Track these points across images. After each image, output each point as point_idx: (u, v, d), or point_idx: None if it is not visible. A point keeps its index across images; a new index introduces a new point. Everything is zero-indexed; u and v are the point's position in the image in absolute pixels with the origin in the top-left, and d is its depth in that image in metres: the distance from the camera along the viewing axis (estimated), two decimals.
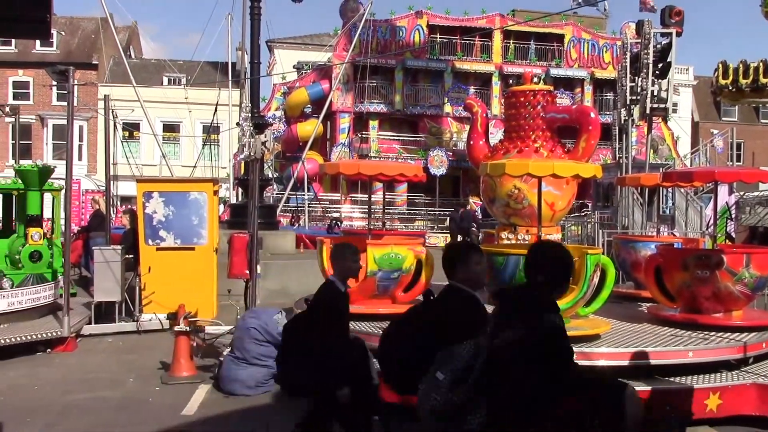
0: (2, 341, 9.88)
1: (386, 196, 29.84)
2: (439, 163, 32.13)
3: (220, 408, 7.98)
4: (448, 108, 34.68)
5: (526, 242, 11.44)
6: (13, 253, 11.77)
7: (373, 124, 34.55)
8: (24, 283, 11.42)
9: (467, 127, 16.65)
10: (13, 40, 40.80)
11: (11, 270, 11.60)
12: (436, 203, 32.68)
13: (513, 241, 12.03)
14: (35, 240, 11.75)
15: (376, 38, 33.99)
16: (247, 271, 10.55)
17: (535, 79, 13.29)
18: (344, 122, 34.19)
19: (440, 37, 35.14)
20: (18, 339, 10.09)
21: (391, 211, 31.66)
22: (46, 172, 12.47)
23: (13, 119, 15.80)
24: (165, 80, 43.13)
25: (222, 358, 8.84)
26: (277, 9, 56.50)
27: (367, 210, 13.35)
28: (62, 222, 12.98)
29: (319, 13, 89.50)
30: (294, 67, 38.31)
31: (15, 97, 40.67)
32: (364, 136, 34.17)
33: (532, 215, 11.41)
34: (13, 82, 42.17)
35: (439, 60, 34.89)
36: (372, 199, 12.05)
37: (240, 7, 24.28)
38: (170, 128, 42.14)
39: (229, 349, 8.85)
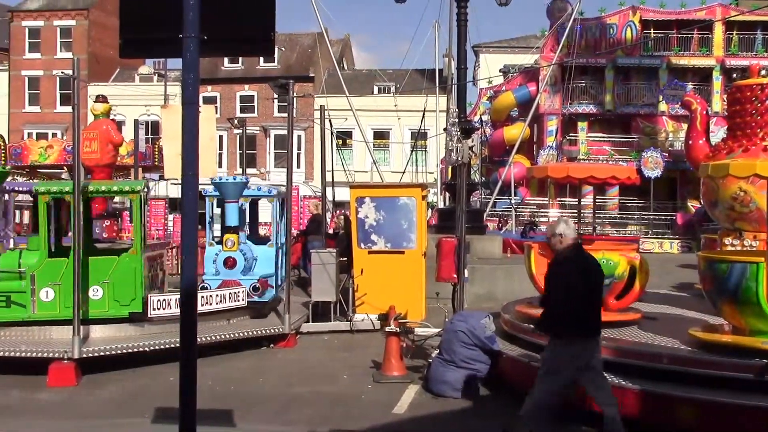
0: (232, 336, 10.74)
1: (596, 200, 28.90)
2: (653, 165, 30.54)
3: (429, 409, 8.13)
4: (663, 106, 32.88)
5: (754, 249, 10.58)
6: None
7: (582, 125, 33.56)
8: None
9: (685, 126, 15.70)
10: (241, 58, 44.22)
11: None
12: (650, 207, 31.09)
13: (738, 248, 11.17)
14: None
15: (585, 37, 33.02)
16: (455, 275, 10.65)
17: (763, 72, 12.25)
18: (552, 125, 33.52)
19: (654, 33, 33.42)
20: (245, 334, 10.92)
21: (601, 215, 30.56)
22: None
23: (240, 131, 17.15)
24: (375, 89, 44.70)
25: (431, 360, 9.00)
26: (483, 13, 56.70)
27: (576, 214, 12.99)
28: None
29: (525, 15, 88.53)
30: (500, 70, 38.14)
31: (242, 111, 44.02)
32: (572, 138, 33.28)
33: (761, 219, 10.53)
34: (240, 96, 45.71)
35: (653, 56, 33.17)
36: (581, 202, 11.71)
37: (447, 14, 24.63)
38: (380, 135, 43.59)
39: (438, 351, 8.99)
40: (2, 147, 19.80)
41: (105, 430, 7.59)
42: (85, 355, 9.27)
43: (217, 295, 10.98)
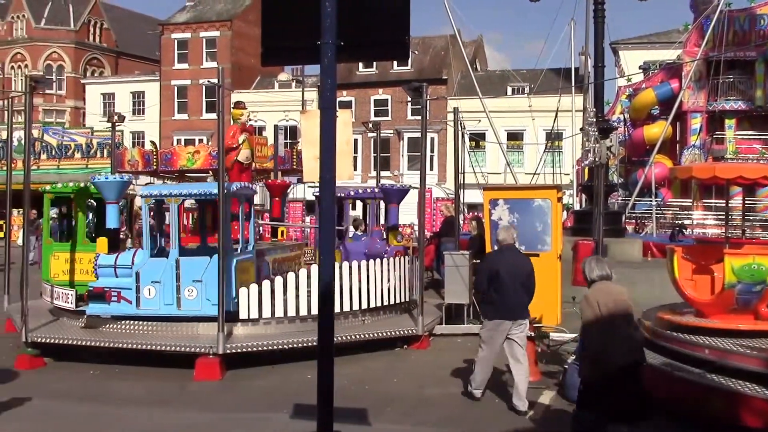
0: (366, 336, 10.92)
1: (746, 202, 27.28)
2: None
3: (564, 415, 7.94)
4: None
5: None
6: None
7: (730, 123, 31.75)
8: None
9: None
10: (375, 63, 44.95)
11: None
12: None
13: None
14: None
15: (732, 30, 31.25)
16: None
17: None
18: (696, 122, 31.93)
19: None
20: (380, 335, 11.08)
21: (751, 217, 28.81)
22: None
23: (374, 134, 17.44)
24: (509, 90, 44.20)
25: (566, 366, 8.80)
26: (620, 9, 54.85)
27: (723, 217, 12.32)
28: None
29: (666, 9, 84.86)
30: (640, 67, 36.73)
31: (376, 114, 44.74)
32: (718, 136, 31.57)
33: None
34: (374, 100, 46.46)
35: None
36: (729, 204, 11.08)
37: (583, 11, 24.06)
38: (514, 136, 43.08)
39: (574, 357, 8.77)
40: (154, 153, 21.00)
41: (247, 423, 7.92)
42: (229, 351, 9.70)
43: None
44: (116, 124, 16.82)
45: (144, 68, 56.69)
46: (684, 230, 24.52)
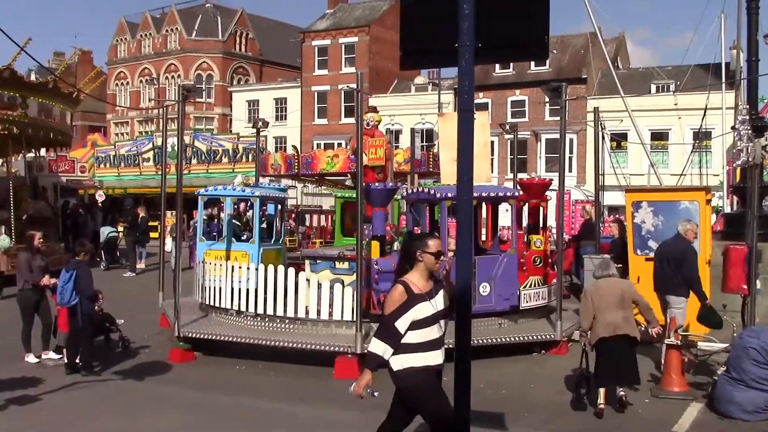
0: (504, 340, 10.80)
1: None
2: None
3: (714, 429, 7.57)
4: None
5: None
6: None
7: None
8: None
9: None
10: (512, 63, 44.43)
11: None
12: None
13: None
14: None
15: None
16: (745, 286, 9.79)
17: None
18: None
19: None
20: (518, 339, 10.93)
21: None
22: None
23: (511, 136, 17.22)
24: (653, 88, 42.47)
25: (716, 377, 8.37)
26: None
27: None
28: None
29: None
30: None
31: (512, 116, 44.16)
32: None
33: None
34: (511, 101, 45.89)
35: None
36: None
37: (734, 3, 22.79)
38: (658, 136, 41.33)
39: (725, 369, 8.33)
40: (296, 157, 21.73)
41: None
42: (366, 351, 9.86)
43: None
44: (260, 129, 17.52)
45: (286, 75, 58.71)
46: None
